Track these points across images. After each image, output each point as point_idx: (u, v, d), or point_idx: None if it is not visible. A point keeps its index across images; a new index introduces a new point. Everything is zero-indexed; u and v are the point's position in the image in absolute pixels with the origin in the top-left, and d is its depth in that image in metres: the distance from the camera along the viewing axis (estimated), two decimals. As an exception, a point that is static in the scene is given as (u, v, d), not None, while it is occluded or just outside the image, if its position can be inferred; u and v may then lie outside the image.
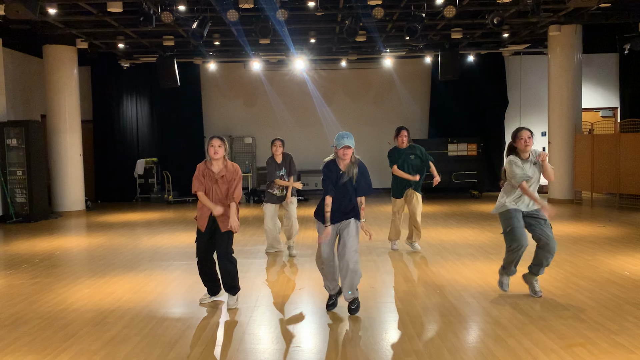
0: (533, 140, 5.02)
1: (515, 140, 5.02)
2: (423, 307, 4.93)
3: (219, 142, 4.91)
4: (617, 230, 8.62)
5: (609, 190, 11.62)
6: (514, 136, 5.04)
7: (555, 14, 10.78)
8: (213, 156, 4.90)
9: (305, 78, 14.92)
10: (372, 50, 13.53)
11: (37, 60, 12.69)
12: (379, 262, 6.76)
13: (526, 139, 4.95)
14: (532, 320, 4.47)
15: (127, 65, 13.94)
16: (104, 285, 5.92)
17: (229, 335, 4.34)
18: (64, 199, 12.24)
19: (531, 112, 14.96)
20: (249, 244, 8.15)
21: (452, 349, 3.92)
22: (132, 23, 10.53)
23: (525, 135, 4.97)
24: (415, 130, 15.13)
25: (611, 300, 4.95)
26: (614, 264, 6.35)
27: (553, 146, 12.24)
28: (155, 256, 7.39)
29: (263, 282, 5.97)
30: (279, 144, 7.10)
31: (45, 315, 4.88)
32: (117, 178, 14.65)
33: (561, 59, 11.96)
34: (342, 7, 9.99)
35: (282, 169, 7.11)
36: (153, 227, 10.03)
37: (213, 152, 4.89)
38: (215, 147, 4.89)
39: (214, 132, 15.07)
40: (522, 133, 4.99)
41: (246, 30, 10.89)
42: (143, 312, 4.91)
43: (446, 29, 11.90)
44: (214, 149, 4.89)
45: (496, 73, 14.82)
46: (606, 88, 14.88)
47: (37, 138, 11.27)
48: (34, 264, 7.04)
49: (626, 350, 3.82)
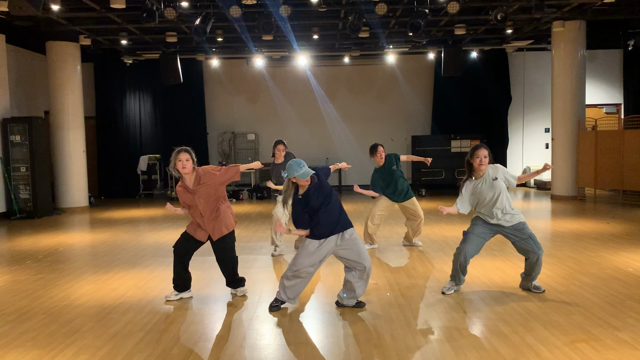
0: (489, 160, 4.89)
1: (472, 157, 4.91)
2: (426, 303, 4.93)
3: (187, 155, 4.83)
4: (620, 226, 8.60)
5: (613, 186, 11.59)
6: (472, 153, 4.93)
7: (559, 9, 10.74)
8: (182, 171, 4.81)
9: (308, 74, 14.91)
10: (375, 47, 13.50)
11: (40, 56, 12.71)
12: (382, 259, 6.76)
13: (482, 158, 4.85)
14: (535, 316, 4.47)
15: (130, 61, 13.94)
16: (108, 281, 5.94)
17: (233, 331, 4.35)
18: (67, 196, 12.28)
19: (534, 109, 14.94)
20: (253, 239, 8.16)
21: (456, 345, 3.92)
22: (135, 19, 10.53)
23: (481, 154, 4.86)
24: (418, 127, 15.13)
25: (614, 297, 4.95)
26: (617, 260, 6.34)
27: (556, 142, 12.21)
28: (158, 252, 7.40)
29: (266, 277, 5.98)
30: (282, 147, 7.07)
31: (49, 311, 4.90)
32: (120, 174, 14.68)
33: (565, 55, 11.92)
34: (345, 3, 9.97)
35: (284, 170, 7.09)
36: (156, 223, 10.05)
37: (181, 166, 4.79)
38: (183, 162, 4.80)
39: (217, 128, 15.13)
40: (479, 152, 4.87)
41: (249, 27, 10.89)
42: (147, 308, 4.93)
43: (449, 25, 11.86)
44: (182, 164, 4.79)
45: (499, 69, 14.79)
46: (610, 84, 14.83)
47: (41, 134, 11.29)
48: (38, 260, 7.07)
49: (630, 346, 3.82)
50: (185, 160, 4.82)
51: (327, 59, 14.69)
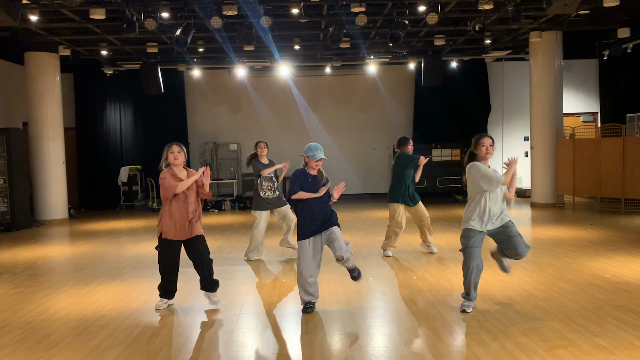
0: (494, 149, 4.77)
1: (477, 147, 4.77)
2: (408, 312, 4.95)
3: (179, 148, 5.02)
4: (598, 233, 8.73)
5: (591, 194, 11.78)
6: (475, 142, 4.78)
7: (535, 20, 10.95)
8: (174, 162, 4.99)
9: (290, 84, 14.95)
10: (357, 57, 13.61)
11: (18, 67, 12.57)
12: (364, 268, 6.77)
13: (487, 147, 4.72)
14: (515, 323, 4.52)
15: (111, 72, 13.85)
16: (88, 294, 5.87)
17: (214, 343, 4.33)
18: (46, 208, 12.10)
19: (514, 117, 15.14)
20: (235, 250, 8.12)
21: (437, 353, 3.95)
22: (115, 30, 10.48)
23: (487, 143, 4.73)
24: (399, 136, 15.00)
25: (593, 303, 5.02)
26: (595, 266, 6.44)
27: (535, 151, 12.39)
28: (139, 264, 7.33)
29: (248, 289, 5.96)
30: (263, 145, 7.20)
31: (27, 325, 4.82)
32: (101, 186, 14.52)
33: (542, 64, 12.14)
34: (325, 14, 10.04)
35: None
36: (137, 235, 9.95)
37: (173, 158, 4.98)
38: (175, 153, 4.99)
39: (199, 138, 15.08)
40: (484, 140, 4.74)
41: (230, 37, 10.90)
42: (127, 321, 4.87)
43: (429, 36, 12.01)
44: (174, 155, 4.98)
45: (479, 79, 14.99)
46: (586, 93, 15.11)
47: (19, 146, 11.14)
48: (16, 274, 6.95)
49: (607, 351, 3.88)
50: (177, 152, 4.99)
51: (309, 69, 14.76)
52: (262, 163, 7.14)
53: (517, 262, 6.74)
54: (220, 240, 9.11)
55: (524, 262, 6.81)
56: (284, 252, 7.75)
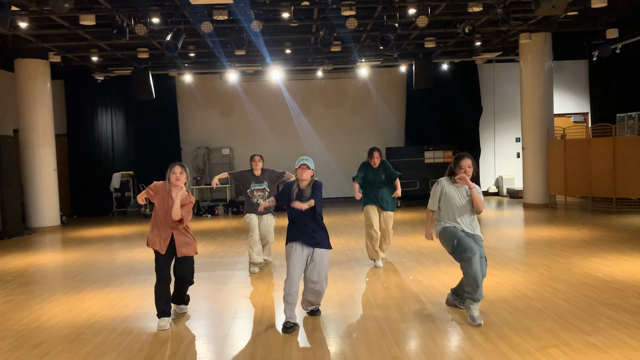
0: (473, 170, 4.71)
1: (455, 167, 4.74)
2: (401, 314, 4.96)
3: (180, 169, 4.91)
4: (590, 233, 8.78)
5: (582, 194, 11.84)
6: (455, 162, 4.76)
7: (525, 22, 11.01)
8: (176, 183, 4.87)
9: (282, 88, 14.96)
10: (348, 60, 13.64)
11: (8, 74, 12.51)
12: (357, 271, 6.78)
13: (466, 168, 4.67)
14: (508, 323, 4.53)
15: (102, 78, 13.80)
16: (80, 301, 5.83)
17: (208, 348, 4.31)
18: (38, 215, 12.03)
19: (505, 119, 15.21)
20: (228, 255, 8.10)
21: (430, 354, 3.95)
22: (106, 36, 10.46)
23: (465, 164, 4.68)
24: (391, 138, 15.28)
25: (585, 302, 5.04)
26: (587, 266, 6.47)
27: (527, 152, 12.45)
28: (131, 271, 7.30)
29: (241, 294, 5.95)
30: (258, 159, 7.10)
31: (18, 334, 4.79)
32: (93, 192, 14.44)
33: (532, 66, 12.21)
34: (316, 18, 10.06)
35: (264, 182, 7.06)
36: (130, 241, 9.91)
37: (175, 178, 4.87)
38: (177, 174, 4.88)
39: (191, 144, 15.06)
40: (462, 162, 4.68)
41: (221, 42, 10.89)
42: (120, 328, 4.85)
43: (419, 39, 12.06)
44: (176, 176, 4.87)
45: (470, 81, 15.05)
46: (577, 94, 15.21)
47: (10, 153, 11.07)
48: (7, 282, 6.90)
49: (599, 350, 3.90)
50: (179, 173, 4.90)
51: (301, 72, 14.77)
52: (255, 175, 7.08)
53: (509, 263, 6.79)
54: (214, 245, 9.09)
55: (517, 262, 6.85)
56: (277, 257, 7.73)
